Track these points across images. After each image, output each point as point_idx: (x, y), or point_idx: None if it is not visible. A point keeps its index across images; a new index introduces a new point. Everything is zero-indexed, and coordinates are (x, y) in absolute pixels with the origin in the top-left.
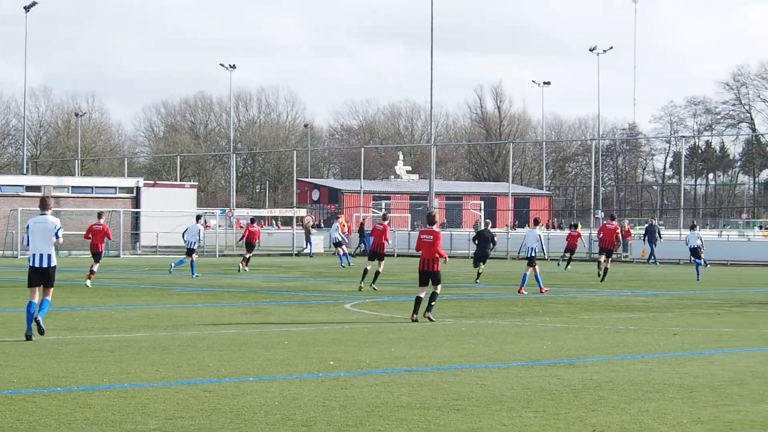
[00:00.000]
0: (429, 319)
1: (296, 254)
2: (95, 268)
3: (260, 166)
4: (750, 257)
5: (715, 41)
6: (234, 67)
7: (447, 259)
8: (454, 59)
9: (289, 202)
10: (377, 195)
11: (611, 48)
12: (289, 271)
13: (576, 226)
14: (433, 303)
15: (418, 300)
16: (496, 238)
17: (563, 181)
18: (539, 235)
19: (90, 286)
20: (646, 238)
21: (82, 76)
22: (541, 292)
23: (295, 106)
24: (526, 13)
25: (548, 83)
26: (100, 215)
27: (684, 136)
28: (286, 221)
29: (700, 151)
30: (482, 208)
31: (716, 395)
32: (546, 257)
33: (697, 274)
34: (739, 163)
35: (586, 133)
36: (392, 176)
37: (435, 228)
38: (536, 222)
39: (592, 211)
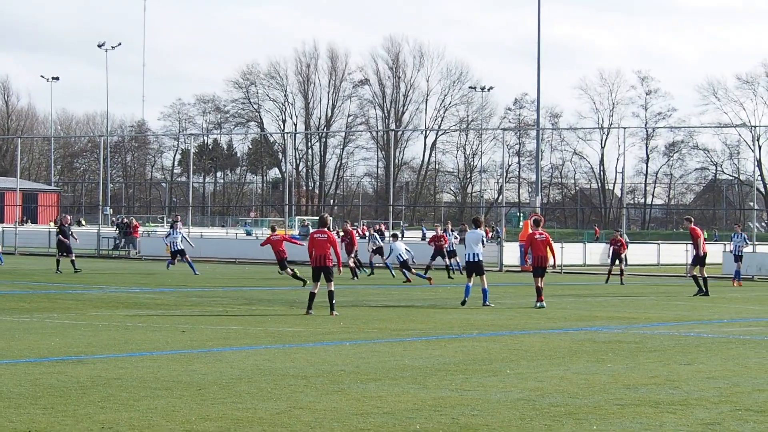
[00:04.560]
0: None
1: None
2: None
3: None
4: (257, 255)
5: (222, 40)
6: None
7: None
8: None
9: None
10: None
11: (120, 44)
12: None
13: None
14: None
15: (312, 295)
16: None
17: (72, 177)
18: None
19: None
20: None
21: None
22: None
23: None
24: (33, 8)
25: (57, 78)
26: None
27: (193, 134)
28: None
29: (209, 148)
30: None
31: (225, 392)
32: None
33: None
34: (247, 162)
35: (94, 129)
36: None
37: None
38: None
39: (101, 207)
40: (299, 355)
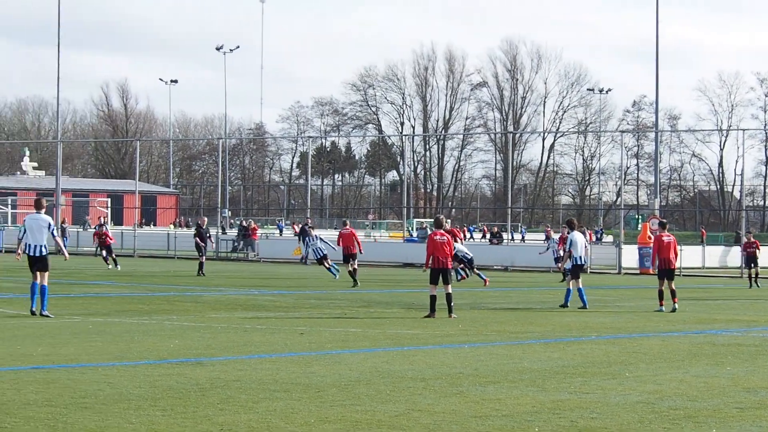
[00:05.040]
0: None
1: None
2: None
3: None
4: (377, 258)
5: (339, 42)
6: None
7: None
8: (80, 57)
9: None
10: (3, 191)
11: (238, 47)
12: None
13: None
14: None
15: (433, 298)
16: None
17: (190, 179)
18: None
19: None
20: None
21: None
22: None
23: None
24: (151, 11)
25: (175, 81)
26: None
27: (311, 137)
28: None
29: (326, 151)
30: (109, 205)
31: (343, 395)
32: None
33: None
34: (365, 164)
35: (213, 131)
36: (18, 172)
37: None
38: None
39: (219, 210)
40: (418, 357)
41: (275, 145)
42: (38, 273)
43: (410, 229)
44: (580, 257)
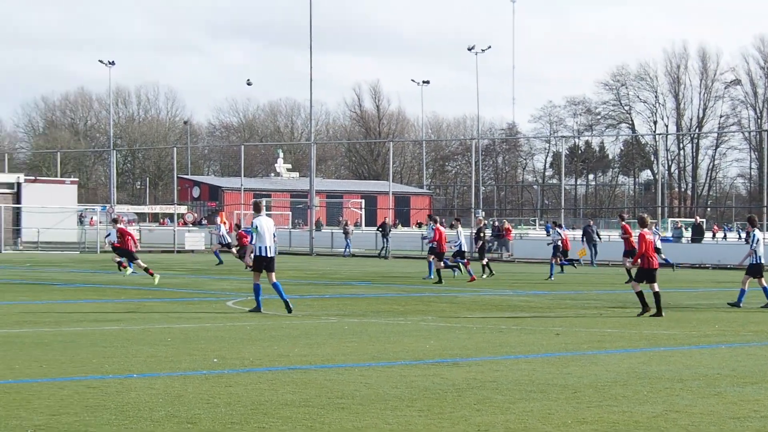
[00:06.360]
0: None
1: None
2: None
3: (140, 162)
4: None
5: (594, 41)
6: (113, 63)
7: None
8: (331, 59)
9: (170, 198)
10: (257, 193)
11: (489, 47)
12: (170, 268)
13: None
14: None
15: (640, 294)
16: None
17: (443, 180)
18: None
19: None
20: (584, 239)
21: None
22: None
23: (175, 103)
24: (402, 13)
25: (427, 82)
26: None
27: (564, 136)
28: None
29: (580, 151)
30: (363, 206)
31: (600, 396)
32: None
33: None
34: (618, 164)
35: (465, 132)
36: (272, 174)
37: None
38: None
39: (473, 210)
40: (674, 358)
41: (528, 144)
42: (267, 273)
43: (664, 228)
44: (760, 257)
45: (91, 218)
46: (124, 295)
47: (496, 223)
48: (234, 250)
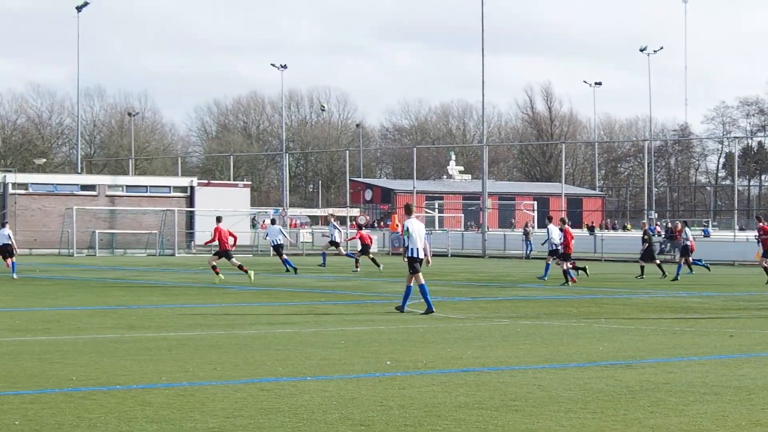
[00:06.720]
0: None
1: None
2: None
3: (313, 165)
4: None
5: (761, 41)
6: (285, 67)
7: None
8: (503, 61)
9: (342, 201)
10: (430, 195)
11: (661, 48)
12: (342, 271)
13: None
14: None
15: None
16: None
17: (615, 181)
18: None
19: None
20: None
21: (132, 75)
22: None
23: (346, 105)
24: (574, 14)
25: (599, 83)
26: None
27: (737, 137)
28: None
29: (753, 152)
30: (535, 208)
31: None
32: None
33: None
34: None
35: (637, 133)
36: (444, 176)
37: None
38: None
39: (646, 212)
40: None
41: (701, 146)
42: (416, 275)
43: None
44: None
45: (263, 222)
46: (296, 299)
47: (669, 225)
48: (341, 249)
